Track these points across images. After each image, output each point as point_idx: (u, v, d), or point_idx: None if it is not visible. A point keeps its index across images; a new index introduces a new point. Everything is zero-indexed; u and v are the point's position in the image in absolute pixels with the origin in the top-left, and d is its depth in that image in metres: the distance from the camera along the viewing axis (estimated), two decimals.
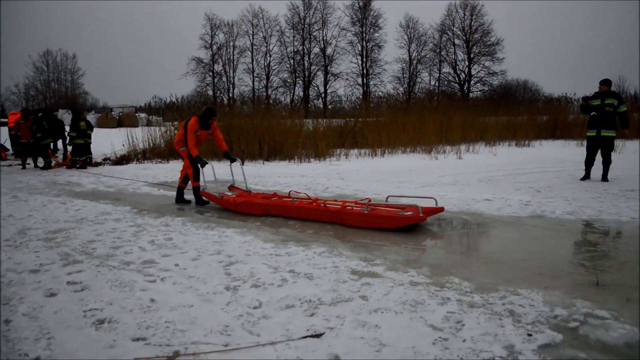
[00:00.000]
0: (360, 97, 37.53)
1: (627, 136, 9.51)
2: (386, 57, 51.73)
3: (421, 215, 5.24)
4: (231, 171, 7.82)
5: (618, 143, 16.50)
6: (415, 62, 46.22)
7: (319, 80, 45.59)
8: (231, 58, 46.57)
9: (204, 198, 7.23)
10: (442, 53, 46.22)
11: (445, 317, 2.96)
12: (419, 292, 3.37)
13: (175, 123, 15.27)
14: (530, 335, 2.70)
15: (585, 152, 9.24)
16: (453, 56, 46.19)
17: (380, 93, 40.87)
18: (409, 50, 46.31)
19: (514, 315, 2.98)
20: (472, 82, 45.54)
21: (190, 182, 7.39)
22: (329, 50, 45.20)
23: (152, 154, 14.45)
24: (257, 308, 3.17)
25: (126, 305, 3.23)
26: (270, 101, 34.10)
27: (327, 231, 5.36)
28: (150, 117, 22.83)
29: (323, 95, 44.87)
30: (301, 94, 44.89)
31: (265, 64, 45.87)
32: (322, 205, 5.96)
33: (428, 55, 46.31)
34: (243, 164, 12.63)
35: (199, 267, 4.04)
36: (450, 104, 25.31)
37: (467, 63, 45.55)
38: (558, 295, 3.29)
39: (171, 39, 70.45)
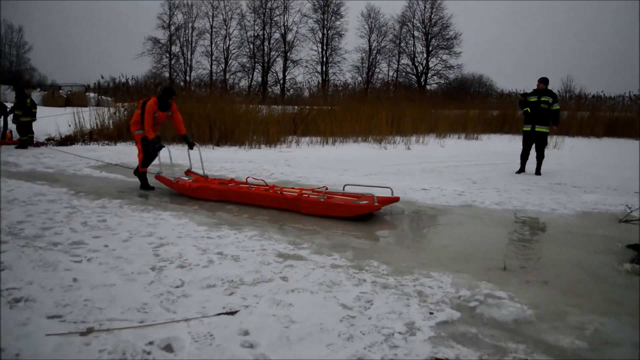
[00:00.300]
0: (319, 84, 37.64)
1: (553, 132, 10.05)
2: (346, 45, 51.92)
3: (376, 204, 5.31)
4: (189, 156, 7.63)
5: (560, 139, 17.43)
6: (374, 52, 46.63)
7: (278, 66, 45.38)
8: (189, 40, 45.64)
9: (148, 183, 7.11)
10: (402, 44, 46.82)
11: (357, 297, 3.13)
12: (338, 274, 3.53)
13: (125, 104, 14.91)
14: (431, 313, 2.91)
15: (522, 145, 9.68)
16: (412, 48, 46.87)
17: (338, 82, 41.04)
18: (369, 40, 46.67)
19: (421, 295, 3.19)
20: (430, 74, 46.40)
21: (145, 165, 7.13)
22: (289, 37, 45.00)
23: (99, 135, 14.08)
24: (179, 287, 3.25)
25: (46, 284, 3.24)
26: (228, 86, 33.76)
27: (263, 216, 5.47)
28: (100, 97, 22.14)
29: (282, 81, 44.71)
30: (260, 79, 44.60)
31: (225, 48, 45.22)
32: (279, 192, 5.96)
33: (387, 46, 46.82)
34: (191, 149, 12.62)
35: (128, 248, 4.07)
36: (404, 96, 25.78)
37: (425, 55, 46.33)
38: (466, 278, 3.53)
39: (128, 16, 68.09)
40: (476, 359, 2.40)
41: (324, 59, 45.40)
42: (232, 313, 2.85)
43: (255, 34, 44.72)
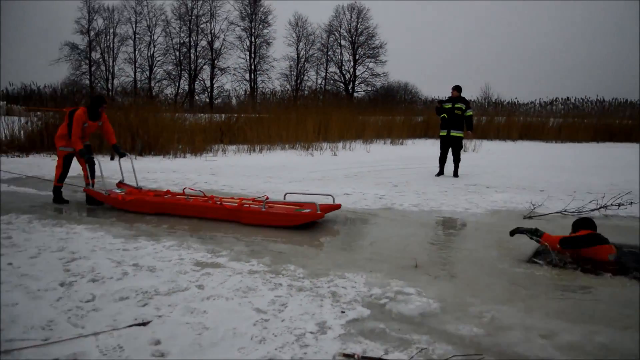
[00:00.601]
0: (246, 93, 37.45)
1: (469, 137, 10.69)
2: (274, 54, 51.90)
3: (319, 212, 5.29)
4: (120, 167, 7.34)
5: (478, 143, 18.43)
6: (303, 60, 47.05)
7: (206, 74, 44.65)
8: (111, 46, 43.88)
9: (62, 197, 6.80)
10: (329, 53, 47.56)
11: (272, 300, 3.18)
12: (254, 280, 3.57)
13: (39, 114, 14.11)
14: (343, 312, 3.02)
15: (440, 149, 10.18)
16: (339, 56, 47.73)
17: (267, 89, 41.03)
18: (297, 49, 47.00)
19: (335, 296, 3.29)
20: (357, 82, 47.43)
21: (60, 180, 6.80)
22: (216, 44, 44.39)
23: (8, 147, 13.22)
24: (89, 301, 3.16)
25: None
26: (153, 93, 32.78)
27: (183, 225, 5.40)
28: (9, 105, 20.76)
29: (209, 89, 44.03)
30: (187, 87, 43.65)
31: (149, 55, 43.89)
32: (219, 203, 5.82)
33: (315, 54, 47.39)
34: (112, 159, 12.16)
35: (36, 265, 3.89)
36: (332, 103, 26.24)
37: (352, 64, 47.32)
38: (379, 277, 3.68)
39: (39, 19, 64.17)
40: (382, 351, 2.53)
41: (252, 67, 45.26)
42: (144, 324, 2.81)
43: (181, 41, 43.80)
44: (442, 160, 10.14)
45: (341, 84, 47.91)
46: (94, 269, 3.79)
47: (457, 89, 9.95)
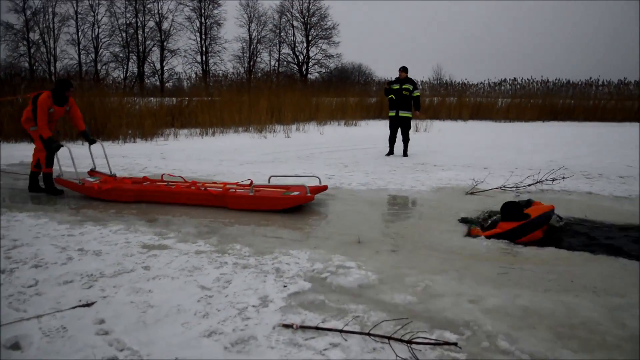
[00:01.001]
0: (200, 75, 36.70)
1: (418, 117, 10.93)
2: (226, 35, 50.90)
3: (309, 195, 5.23)
4: (90, 154, 6.98)
5: (429, 123, 18.90)
6: (255, 41, 46.43)
7: (155, 56, 43.36)
8: (51, 26, 41.84)
9: (57, 186, 6.35)
10: (282, 34, 47.11)
11: (217, 278, 3.28)
12: (200, 259, 3.65)
13: None
14: (285, 286, 3.15)
15: (389, 129, 10.42)
16: (292, 38, 47.36)
17: (220, 72, 40.33)
18: (249, 30, 46.26)
19: (278, 272, 3.42)
20: (311, 63, 47.29)
21: (49, 165, 6.40)
22: (165, 25, 43.09)
23: None
24: (32, 286, 3.16)
25: None
26: (99, 77, 31.67)
27: (131, 210, 5.38)
28: None
29: (160, 72, 42.87)
30: (135, 70, 42.33)
31: (93, 36, 42.16)
32: (203, 189, 5.68)
33: (268, 36, 46.82)
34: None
35: None
36: (286, 85, 26.16)
37: (305, 45, 47.09)
38: (322, 253, 3.83)
39: None
40: (320, 320, 2.68)
41: (204, 49, 44.33)
42: (89, 305, 2.86)
43: (128, 22, 42.25)
44: (392, 140, 10.38)
45: (295, 66, 47.66)
46: (37, 255, 3.77)
47: (404, 69, 10.14)
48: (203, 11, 43.93)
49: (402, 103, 10.05)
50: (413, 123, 19.13)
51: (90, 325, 2.59)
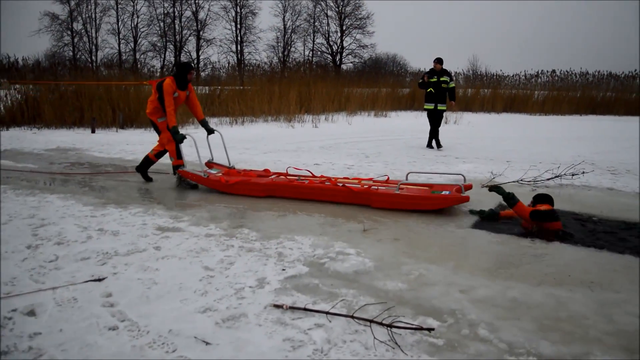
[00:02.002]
0: (228, 64, 37.16)
1: (452, 108, 10.86)
2: (261, 24, 51.31)
3: (465, 195, 4.89)
4: (208, 144, 6.81)
5: (459, 115, 18.69)
6: (289, 31, 46.60)
7: (192, 45, 44.13)
8: (93, 16, 43.11)
9: (190, 180, 6.08)
10: (316, 24, 47.11)
11: (221, 260, 3.46)
12: (209, 242, 3.85)
13: (17, 87, 14.10)
14: (284, 270, 3.31)
15: (429, 124, 10.33)
16: (326, 27, 47.29)
17: (254, 61, 40.72)
18: (283, 19, 46.47)
19: (280, 256, 3.58)
20: (344, 54, 47.16)
21: (180, 156, 6.25)
22: (201, 15, 43.77)
23: None
24: (52, 262, 3.42)
25: None
26: (139, 65, 32.49)
27: (150, 194, 5.64)
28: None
29: (195, 61, 43.62)
30: (172, 59, 43.18)
31: (133, 26, 43.21)
32: (341, 185, 5.38)
33: (302, 25, 46.91)
34: (93, 132, 12.30)
35: (6, 231, 4.12)
36: (318, 75, 26.24)
37: (339, 35, 46.95)
38: (325, 239, 3.97)
39: None
40: (310, 303, 2.82)
41: (239, 38, 44.81)
42: (100, 280, 3.09)
43: (165, 12, 43.08)
44: (433, 132, 10.30)
45: (329, 56, 47.61)
46: (61, 233, 4.04)
47: (440, 61, 10.06)
48: (238, 0, 44.34)
49: (441, 96, 10.03)
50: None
51: (98, 298, 2.82)
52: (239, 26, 44.62)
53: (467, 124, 17.31)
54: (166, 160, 6.78)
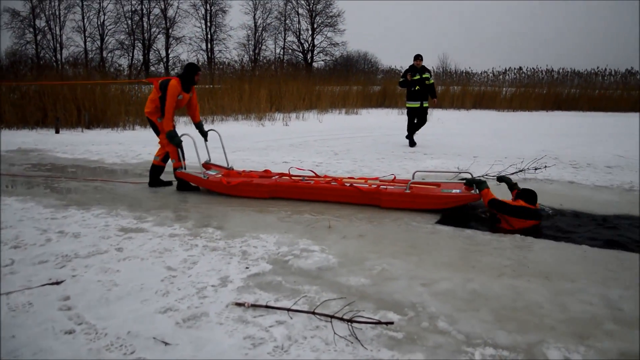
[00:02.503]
0: (205, 63, 36.79)
1: (433, 105, 10.60)
2: (231, 22, 50.87)
3: (475, 192, 4.80)
4: (206, 145, 6.58)
5: (429, 112, 18.90)
6: (260, 29, 46.36)
7: (161, 43, 43.46)
8: (57, 13, 41.98)
9: (191, 183, 5.87)
10: (287, 22, 46.98)
11: (184, 259, 3.43)
12: (173, 242, 3.81)
13: None
14: (247, 268, 3.30)
15: (409, 121, 10.19)
16: (297, 25, 47.22)
17: (225, 59, 40.39)
18: (254, 17, 46.19)
19: (245, 254, 3.57)
20: (316, 51, 47.17)
21: (171, 161, 6.01)
22: (170, 12, 43.15)
23: None
24: (8, 266, 3.33)
25: None
26: (105, 64, 31.83)
27: (114, 195, 5.55)
28: None
29: (165, 59, 42.99)
30: (141, 57, 42.43)
31: (99, 23, 42.29)
32: (349, 185, 5.25)
33: (273, 23, 46.72)
34: (57, 132, 12.01)
35: None
36: (290, 73, 26.21)
37: (310, 33, 46.94)
38: (290, 237, 3.97)
39: None
40: (273, 300, 2.82)
41: (209, 36, 44.34)
42: (58, 283, 3.02)
43: (133, 9, 42.31)
44: (412, 130, 10.22)
45: (300, 54, 47.56)
46: (18, 236, 3.94)
47: (420, 57, 9.89)
48: None
49: (425, 93, 9.89)
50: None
51: (55, 302, 2.76)
52: (209, 24, 44.16)
53: (436, 120, 17.50)
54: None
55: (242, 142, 10.44)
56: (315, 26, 46.58)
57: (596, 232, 4.44)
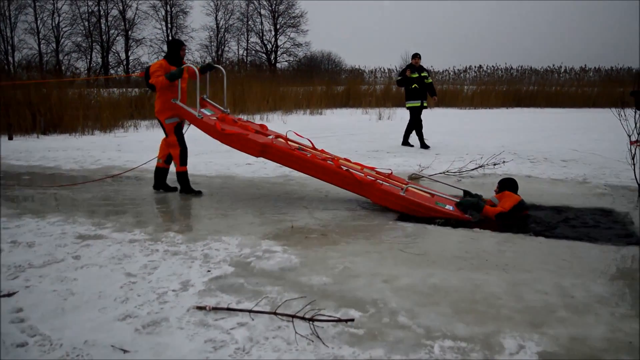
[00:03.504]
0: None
1: (434, 103, 10.29)
2: (193, 23, 50.20)
3: (468, 217, 4.63)
4: (206, 82, 6.25)
5: (392, 111, 19.12)
6: (223, 30, 45.94)
7: (120, 45, 42.49)
8: (7, 14, 40.41)
9: (192, 187, 5.69)
10: (249, 23, 46.71)
11: (144, 265, 3.38)
12: (132, 248, 3.74)
13: None
14: (209, 271, 3.27)
15: (413, 122, 9.96)
16: (260, 26, 47.00)
17: (187, 61, 39.79)
18: (216, 18, 45.72)
19: (207, 257, 3.53)
20: (279, 52, 47.07)
21: (184, 163, 5.75)
22: (129, 13, 42.23)
23: None
24: None
25: None
26: (62, 68, 30.90)
27: (71, 202, 5.40)
28: None
29: (125, 62, 42.07)
30: (100, 60, 41.37)
31: (54, 25, 40.97)
32: (345, 169, 4.98)
33: (235, 24, 46.37)
34: (11, 139, 11.59)
35: None
36: (253, 74, 26.04)
37: (273, 34, 46.80)
38: (253, 238, 3.96)
39: None
40: (235, 302, 2.81)
41: (170, 38, 43.62)
42: (10, 294, 2.92)
43: (90, 10, 41.18)
44: (418, 130, 9.94)
45: (263, 55, 47.37)
46: None
47: (419, 56, 9.76)
48: None
49: (424, 92, 9.76)
50: (376, 111, 19.40)
51: (7, 315, 2.66)
52: (169, 25, 43.47)
53: (399, 119, 17.72)
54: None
55: (204, 145, 10.29)
56: (278, 27, 46.47)
57: (552, 223, 4.59)
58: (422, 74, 9.69)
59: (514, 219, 4.60)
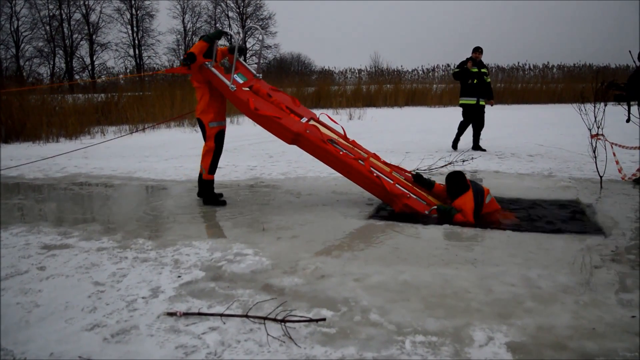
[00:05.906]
0: (133, 69, 35.60)
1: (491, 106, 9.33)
2: (159, 27, 49.40)
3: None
4: (237, 45, 5.62)
5: (362, 110, 19.22)
6: (190, 33, 45.43)
7: (84, 50, 41.55)
8: None
9: (219, 197, 5.39)
10: (217, 25, 46.32)
11: (112, 273, 3.31)
12: (100, 256, 3.66)
13: None
14: (179, 277, 3.23)
15: (465, 122, 9.19)
16: (228, 29, 46.68)
17: (155, 65, 39.29)
18: (183, 21, 45.22)
19: (177, 263, 3.49)
20: (248, 55, 46.82)
21: (212, 171, 5.42)
22: (93, 17, 41.33)
23: None
24: None
25: None
26: (24, 74, 30.06)
27: (35, 210, 5.27)
28: None
29: (90, 67, 41.17)
30: (63, 65, 40.39)
31: (13, 29, 39.75)
32: (375, 174, 4.77)
33: (203, 27, 45.92)
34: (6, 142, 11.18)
35: None
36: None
37: (242, 36, 46.61)
38: (224, 242, 3.93)
39: None
40: (206, 307, 2.78)
41: (136, 42, 42.93)
42: None
43: (51, 14, 40.12)
44: (463, 129, 9.21)
45: None
46: None
47: (481, 50, 8.88)
48: (133, 2, 42.47)
49: (482, 90, 8.87)
50: (347, 111, 19.50)
51: None
52: (135, 29, 42.77)
53: (370, 119, 17.86)
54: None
55: (174, 150, 10.20)
56: (246, 29, 46.22)
57: (518, 217, 4.69)
58: (482, 70, 8.86)
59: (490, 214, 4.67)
